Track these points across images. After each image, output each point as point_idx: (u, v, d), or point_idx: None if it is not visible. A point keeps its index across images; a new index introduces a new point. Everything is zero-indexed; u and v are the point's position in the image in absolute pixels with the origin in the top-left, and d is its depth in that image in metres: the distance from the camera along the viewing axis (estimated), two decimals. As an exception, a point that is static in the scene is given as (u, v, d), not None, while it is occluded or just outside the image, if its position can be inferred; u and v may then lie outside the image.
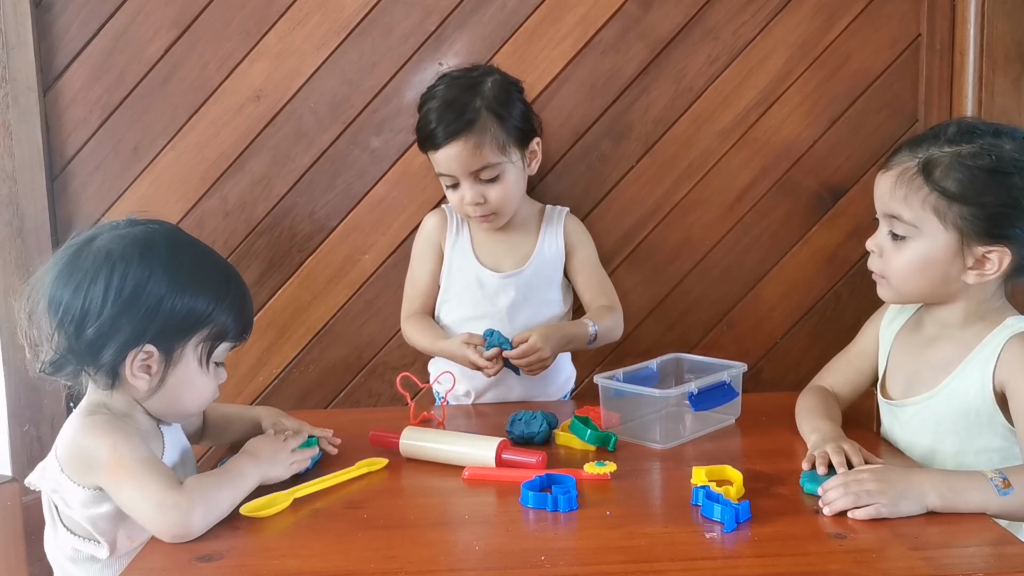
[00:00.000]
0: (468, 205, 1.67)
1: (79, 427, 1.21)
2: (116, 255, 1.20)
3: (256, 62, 1.84)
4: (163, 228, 1.28)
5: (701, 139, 1.89)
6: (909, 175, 1.30)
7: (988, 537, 1.08)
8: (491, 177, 1.66)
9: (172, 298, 1.21)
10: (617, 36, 1.86)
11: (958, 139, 1.30)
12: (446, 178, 1.68)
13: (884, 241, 1.36)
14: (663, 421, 1.44)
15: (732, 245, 1.93)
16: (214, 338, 1.26)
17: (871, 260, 1.39)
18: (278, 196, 1.88)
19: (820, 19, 1.87)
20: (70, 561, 1.25)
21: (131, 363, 1.21)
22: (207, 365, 1.27)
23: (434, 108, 1.64)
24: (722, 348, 1.93)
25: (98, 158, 1.85)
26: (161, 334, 1.21)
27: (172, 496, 1.12)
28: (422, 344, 1.74)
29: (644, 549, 1.06)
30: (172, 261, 1.22)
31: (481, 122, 1.63)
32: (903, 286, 1.36)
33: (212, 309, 1.24)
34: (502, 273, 1.74)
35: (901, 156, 1.34)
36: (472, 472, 1.31)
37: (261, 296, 1.90)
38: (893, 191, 1.32)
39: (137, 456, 1.16)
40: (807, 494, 1.20)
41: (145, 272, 1.20)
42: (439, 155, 1.64)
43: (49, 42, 1.81)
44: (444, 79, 1.69)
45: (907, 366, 1.42)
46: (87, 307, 1.18)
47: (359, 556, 1.07)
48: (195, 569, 1.05)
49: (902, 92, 1.90)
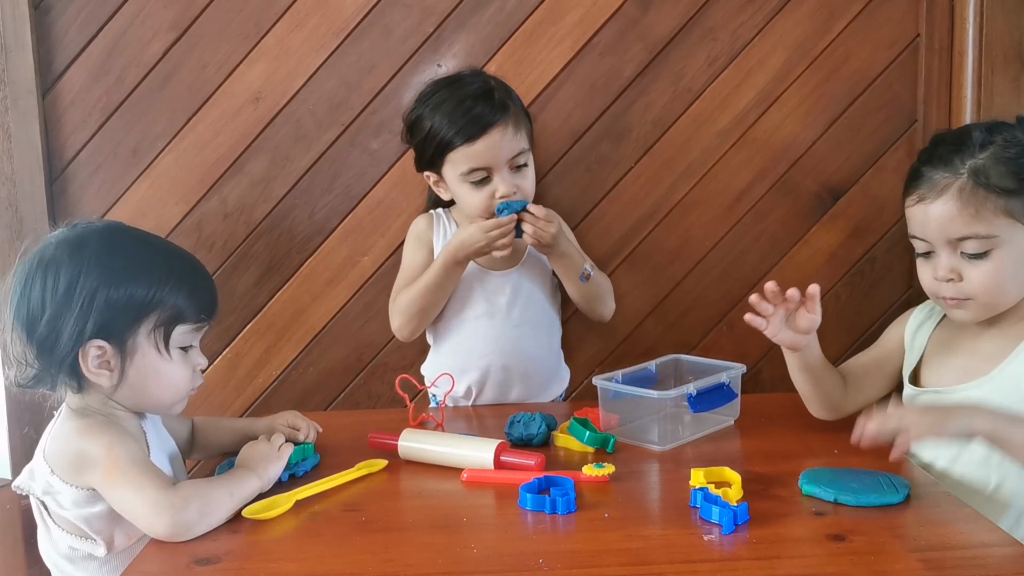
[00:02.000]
0: (500, 199, 1.64)
1: (73, 430, 1.22)
2: (49, 257, 1.23)
3: (255, 64, 1.84)
4: (100, 225, 1.30)
5: (700, 140, 1.89)
6: (968, 191, 1.30)
7: (986, 539, 1.08)
8: (523, 163, 1.68)
9: (107, 289, 1.22)
10: (616, 37, 1.86)
11: (985, 141, 1.31)
12: (477, 173, 1.64)
13: (959, 264, 1.33)
14: (662, 423, 1.44)
15: (731, 246, 1.93)
16: (167, 323, 1.26)
17: (946, 288, 1.35)
18: (277, 198, 1.88)
19: (819, 20, 1.87)
20: (67, 560, 1.25)
21: (85, 360, 1.22)
22: (167, 351, 1.27)
23: (458, 105, 1.63)
24: (722, 349, 1.93)
25: (97, 160, 1.85)
26: (106, 326, 1.22)
27: (167, 496, 1.13)
28: (421, 280, 1.68)
29: (642, 551, 1.06)
30: (104, 253, 1.24)
31: (512, 109, 1.66)
32: (997, 298, 1.34)
33: (154, 293, 1.25)
34: (499, 271, 1.74)
35: (934, 180, 1.32)
36: (471, 474, 1.31)
37: (260, 298, 1.90)
38: (959, 214, 1.30)
39: (132, 457, 1.17)
40: (806, 495, 1.20)
41: (75, 268, 1.22)
42: (477, 146, 1.62)
43: (48, 45, 1.81)
44: (440, 84, 1.70)
45: (952, 359, 1.42)
46: (32, 310, 1.22)
47: (357, 559, 1.07)
48: (192, 573, 1.05)
49: (901, 92, 1.90)
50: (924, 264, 1.39)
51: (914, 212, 1.36)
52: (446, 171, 1.68)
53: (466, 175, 1.66)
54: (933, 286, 1.38)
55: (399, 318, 1.73)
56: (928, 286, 1.39)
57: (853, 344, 1.94)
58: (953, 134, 1.38)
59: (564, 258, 1.71)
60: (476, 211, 1.68)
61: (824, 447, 1.41)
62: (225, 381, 1.92)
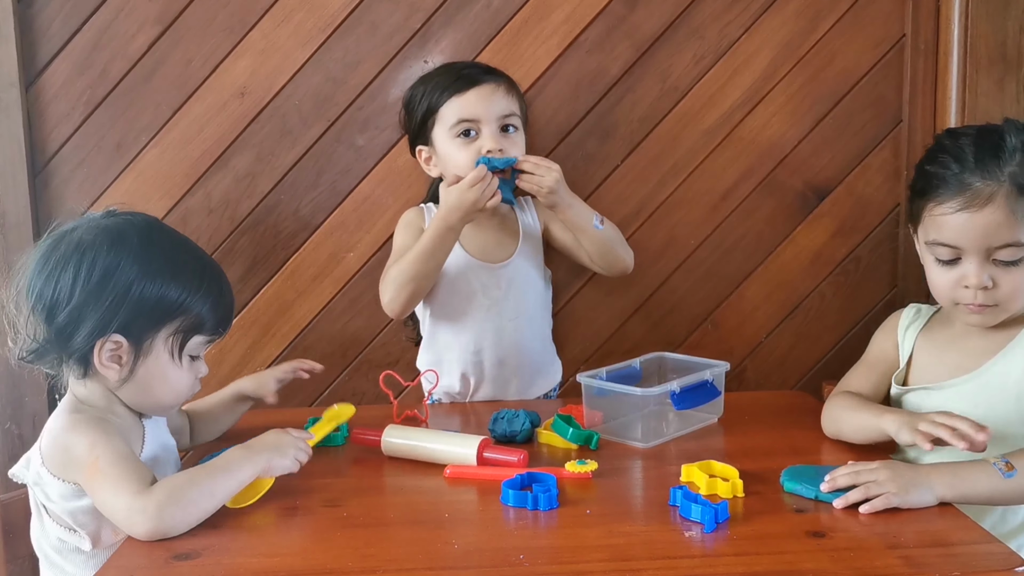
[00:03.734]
0: (485, 153, 1.62)
1: (63, 424, 1.22)
2: (87, 244, 1.21)
3: (240, 59, 1.83)
4: (140, 219, 1.28)
5: (686, 138, 1.89)
6: (1013, 199, 1.27)
7: (966, 536, 1.08)
8: (514, 126, 1.68)
9: (141, 286, 1.21)
10: (602, 35, 1.86)
11: (1019, 145, 1.29)
12: (464, 124, 1.64)
13: (995, 272, 1.31)
14: (645, 420, 1.44)
15: (717, 244, 1.93)
16: (187, 330, 1.26)
17: (980, 296, 1.32)
18: (262, 193, 1.87)
19: (805, 19, 1.87)
20: (56, 552, 1.25)
21: (99, 352, 1.21)
22: (179, 358, 1.26)
23: (450, 69, 1.70)
24: (706, 347, 1.93)
25: (81, 154, 1.84)
26: (130, 323, 1.21)
27: (141, 501, 1.11)
28: (413, 251, 1.63)
29: (623, 548, 1.06)
30: (144, 250, 1.22)
31: (506, 78, 1.71)
32: (1017, 303, 1.33)
33: (185, 299, 1.24)
34: (496, 263, 1.74)
35: (975, 187, 1.29)
36: (453, 470, 1.31)
37: (245, 294, 1.90)
38: (1006, 221, 1.28)
39: (113, 458, 1.16)
40: (787, 492, 1.20)
41: (114, 260, 1.20)
42: (467, 96, 1.64)
43: (31, 37, 1.80)
44: (438, 67, 1.75)
45: (939, 356, 1.43)
46: (57, 294, 1.19)
47: (337, 554, 1.06)
48: (171, 568, 1.04)
49: (886, 92, 1.90)
50: (945, 270, 1.35)
51: (952, 220, 1.31)
52: (436, 134, 1.68)
53: (454, 127, 1.65)
54: (954, 292, 1.35)
55: (390, 290, 1.66)
56: (947, 293, 1.36)
57: (838, 343, 1.95)
58: (979, 136, 1.34)
59: (573, 207, 1.67)
60: (463, 170, 1.63)
61: (806, 445, 1.41)
62: (209, 377, 1.83)
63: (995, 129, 1.35)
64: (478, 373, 1.74)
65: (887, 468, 1.17)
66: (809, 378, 1.96)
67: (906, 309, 1.53)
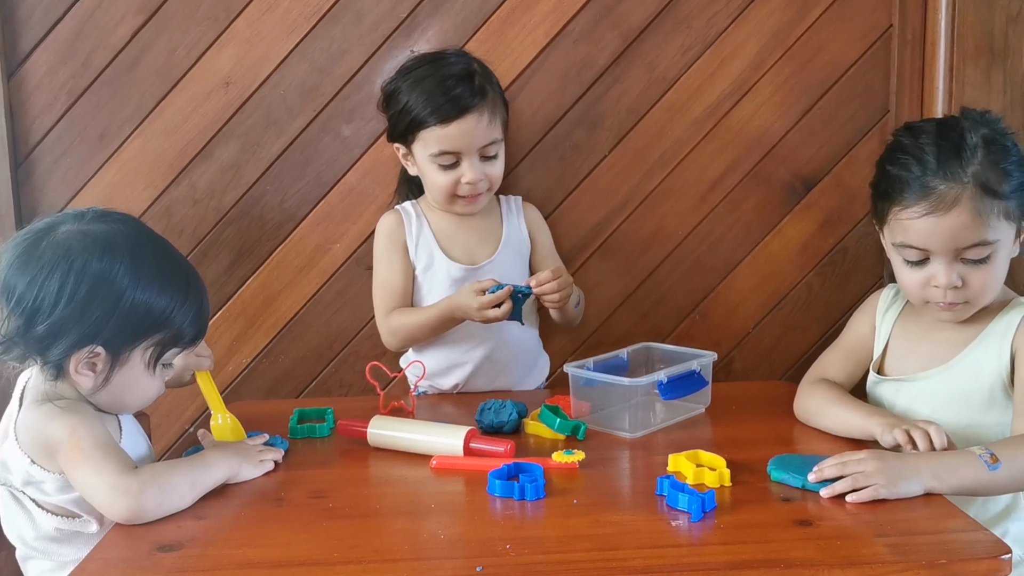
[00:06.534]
0: (466, 184, 1.64)
1: (40, 416, 1.20)
2: (75, 252, 1.18)
3: (225, 48, 1.81)
4: (127, 227, 1.25)
5: (673, 129, 1.89)
6: (977, 200, 1.27)
7: (952, 524, 1.08)
8: (493, 154, 1.67)
9: (130, 300, 1.19)
10: (590, 25, 1.85)
11: (975, 143, 1.30)
12: (446, 156, 1.64)
13: (964, 271, 1.31)
14: (633, 410, 1.43)
15: (704, 235, 1.93)
16: (165, 343, 1.25)
17: (950, 295, 1.33)
18: (247, 184, 1.86)
19: (793, 9, 1.87)
20: (54, 542, 1.24)
21: (76, 361, 1.19)
22: (154, 368, 1.26)
23: (438, 84, 1.62)
24: (694, 338, 1.93)
25: (63, 145, 1.82)
26: (112, 338, 1.20)
27: (124, 480, 1.12)
28: (417, 319, 1.67)
29: (610, 537, 1.06)
30: (134, 261, 1.20)
31: (490, 96, 1.65)
32: (990, 298, 1.35)
33: (170, 313, 1.23)
34: (475, 265, 1.73)
35: (939, 191, 1.29)
36: (440, 461, 1.30)
37: (230, 285, 1.88)
38: (972, 223, 1.28)
39: (94, 440, 1.16)
40: (774, 482, 1.20)
41: (104, 272, 1.18)
42: (450, 129, 1.61)
43: (13, 26, 1.78)
44: (423, 59, 1.69)
45: (913, 346, 1.43)
46: (39, 302, 1.16)
47: (323, 545, 1.06)
48: (155, 559, 1.04)
49: (874, 83, 1.90)
50: (913, 271, 1.35)
51: (918, 224, 1.31)
52: (416, 148, 1.67)
53: (435, 156, 1.65)
54: (924, 292, 1.35)
55: (392, 341, 1.73)
56: (917, 292, 1.37)
57: (825, 333, 1.95)
58: (939, 134, 1.33)
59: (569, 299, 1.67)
60: (440, 193, 1.68)
61: (793, 435, 1.42)
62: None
63: (954, 125, 1.34)
64: (468, 371, 1.73)
65: (875, 459, 1.17)
66: (796, 368, 1.96)
67: (885, 290, 1.52)
